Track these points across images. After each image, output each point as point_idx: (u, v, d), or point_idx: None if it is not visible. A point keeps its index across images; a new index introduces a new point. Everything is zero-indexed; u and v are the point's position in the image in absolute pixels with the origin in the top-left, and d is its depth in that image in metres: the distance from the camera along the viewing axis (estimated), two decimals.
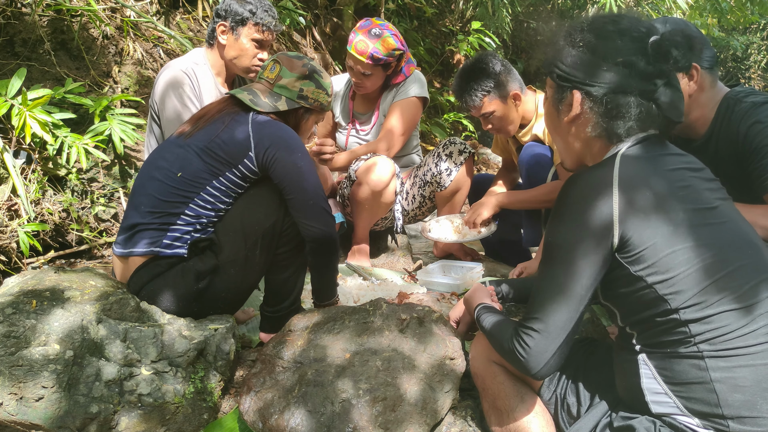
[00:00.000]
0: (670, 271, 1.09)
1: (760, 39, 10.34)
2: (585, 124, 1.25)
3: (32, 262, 2.64)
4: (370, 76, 2.75)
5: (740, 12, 6.77)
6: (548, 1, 7.17)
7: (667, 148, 1.23)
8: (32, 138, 2.63)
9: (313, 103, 1.94)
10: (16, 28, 2.96)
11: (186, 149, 1.76)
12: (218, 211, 1.77)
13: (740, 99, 1.70)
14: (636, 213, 1.11)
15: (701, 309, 1.07)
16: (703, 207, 1.15)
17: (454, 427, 1.49)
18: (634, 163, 1.17)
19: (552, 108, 1.33)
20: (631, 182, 1.13)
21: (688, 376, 1.08)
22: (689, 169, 1.20)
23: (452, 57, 5.58)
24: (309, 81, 1.92)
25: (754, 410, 1.02)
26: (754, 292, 1.09)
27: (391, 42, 2.68)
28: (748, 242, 1.16)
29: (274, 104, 1.88)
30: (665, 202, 1.12)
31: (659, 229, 1.10)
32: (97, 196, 2.96)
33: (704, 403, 1.06)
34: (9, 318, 1.43)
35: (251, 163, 1.76)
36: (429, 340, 1.56)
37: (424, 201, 3.07)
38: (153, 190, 1.73)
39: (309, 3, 4.87)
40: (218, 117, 1.81)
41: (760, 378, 1.04)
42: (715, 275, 1.08)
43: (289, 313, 1.86)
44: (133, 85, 3.39)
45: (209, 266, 1.72)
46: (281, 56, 1.96)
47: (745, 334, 1.06)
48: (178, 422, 1.53)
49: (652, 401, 1.12)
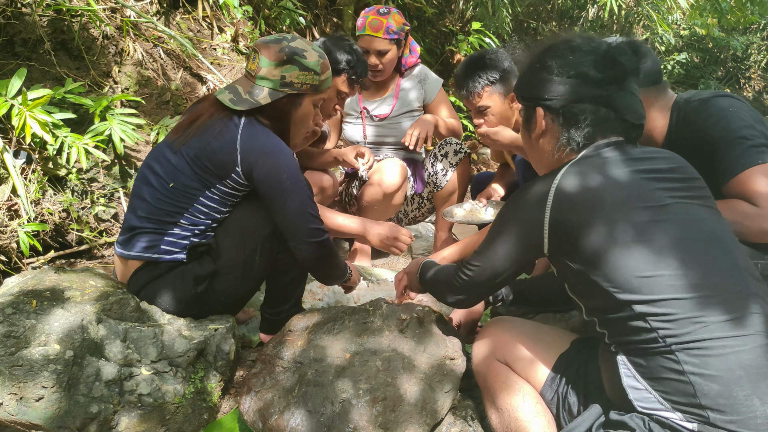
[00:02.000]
0: (611, 267, 1.15)
1: (760, 39, 10.35)
2: (551, 138, 1.37)
3: (32, 262, 2.64)
4: (387, 53, 2.76)
5: (740, 12, 6.77)
6: (548, 1, 7.16)
7: (625, 154, 1.28)
8: (32, 138, 2.63)
9: (300, 87, 1.75)
10: (16, 28, 2.96)
11: (179, 156, 1.69)
12: (215, 220, 1.74)
13: (688, 100, 1.74)
14: (569, 220, 1.21)
15: (655, 304, 1.11)
16: (650, 205, 1.19)
17: (454, 427, 1.49)
18: (576, 172, 1.25)
19: (524, 129, 1.45)
20: (565, 192, 1.22)
21: (663, 370, 1.10)
22: (643, 171, 1.24)
23: (452, 57, 5.57)
24: (290, 65, 1.73)
25: (730, 398, 1.04)
26: (709, 283, 1.12)
27: (399, 17, 2.76)
28: (705, 235, 1.19)
29: (256, 99, 1.71)
30: (602, 204, 1.19)
31: (596, 229, 1.17)
32: (97, 196, 2.96)
33: (682, 395, 1.07)
34: (9, 318, 1.43)
35: (239, 177, 1.68)
36: (429, 340, 1.56)
37: (423, 202, 3.07)
38: (148, 195, 1.70)
39: (309, 3, 4.87)
40: (210, 122, 1.70)
41: (731, 366, 1.06)
42: (663, 269, 1.13)
43: (289, 315, 1.86)
44: (133, 85, 3.38)
45: (208, 271, 1.71)
46: (258, 43, 1.76)
47: (709, 325, 1.08)
48: (178, 422, 1.53)
49: (634, 398, 1.14)
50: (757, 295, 1.15)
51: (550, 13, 7.36)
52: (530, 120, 1.40)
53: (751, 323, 1.10)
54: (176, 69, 3.73)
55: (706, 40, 9.32)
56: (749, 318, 1.10)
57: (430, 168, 2.87)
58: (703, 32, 8.25)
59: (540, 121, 1.37)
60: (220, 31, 4.15)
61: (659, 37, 7.72)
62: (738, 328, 1.09)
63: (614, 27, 7.22)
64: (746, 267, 1.19)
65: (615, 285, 1.15)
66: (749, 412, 1.03)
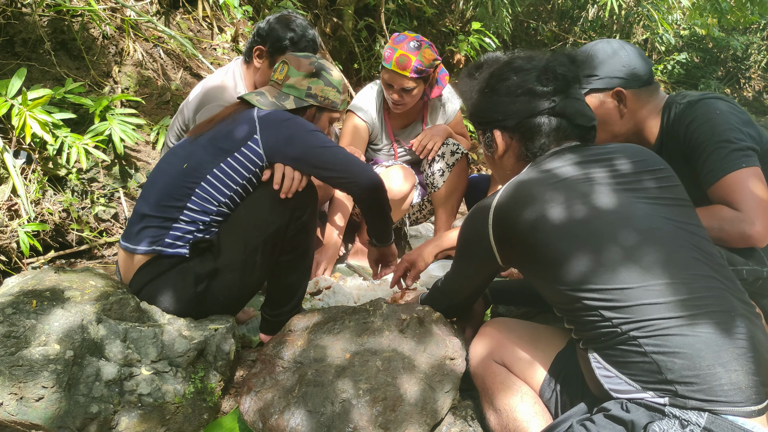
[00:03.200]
0: (558, 261, 1.21)
1: (760, 39, 10.33)
2: (511, 154, 1.46)
3: (32, 262, 2.64)
4: (412, 90, 2.64)
5: (740, 12, 6.76)
6: (548, 1, 7.16)
7: (575, 155, 1.35)
8: (32, 138, 2.63)
9: (323, 101, 1.92)
10: (16, 28, 2.96)
11: (195, 145, 1.79)
12: (220, 206, 1.74)
13: (677, 101, 1.74)
14: (509, 231, 1.30)
15: (602, 292, 1.16)
16: (598, 204, 1.24)
17: (454, 427, 1.49)
18: (514, 183, 1.34)
19: (486, 152, 1.53)
20: (502, 205, 1.31)
21: (628, 354, 1.14)
22: (603, 168, 1.31)
23: (452, 57, 5.57)
24: (317, 79, 1.90)
25: (695, 369, 1.08)
26: (653, 268, 1.16)
27: (430, 53, 2.62)
28: (643, 223, 1.22)
29: (282, 104, 1.87)
30: (541, 210, 1.24)
31: (535, 235, 1.24)
32: (97, 196, 2.96)
33: (649, 374, 1.11)
34: (9, 318, 1.43)
35: (256, 145, 1.75)
36: (429, 340, 1.56)
37: (423, 203, 3.07)
38: (161, 182, 1.77)
39: (309, 3, 4.87)
40: (227, 116, 1.83)
41: (690, 341, 1.10)
42: (604, 261, 1.17)
43: (289, 317, 1.86)
44: (133, 85, 3.39)
45: (207, 269, 1.71)
46: (289, 56, 1.95)
47: (660, 307, 1.12)
48: (178, 422, 1.53)
49: (610, 388, 1.17)
50: (707, 276, 1.18)
51: (550, 13, 7.36)
52: (490, 142, 1.49)
53: (704, 302, 1.14)
54: (176, 69, 3.73)
55: (706, 40, 9.32)
56: (700, 297, 1.14)
57: (427, 169, 2.87)
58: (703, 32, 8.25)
59: (499, 141, 1.46)
60: (220, 31, 4.15)
61: (659, 37, 7.72)
62: (689, 308, 1.12)
63: (614, 27, 7.22)
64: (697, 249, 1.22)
65: (564, 283, 1.21)
66: (714, 380, 1.07)
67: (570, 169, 1.31)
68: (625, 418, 1.11)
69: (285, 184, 1.74)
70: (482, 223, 1.35)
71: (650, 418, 1.09)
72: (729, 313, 1.14)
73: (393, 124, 2.92)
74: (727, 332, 1.11)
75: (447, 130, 2.88)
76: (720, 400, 1.06)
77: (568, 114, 1.38)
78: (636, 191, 1.28)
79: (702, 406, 1.06)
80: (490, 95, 1.46)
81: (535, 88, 1.38)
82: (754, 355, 1.10)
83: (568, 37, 6.97)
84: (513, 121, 1.41)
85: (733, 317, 1.13)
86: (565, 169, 1.32)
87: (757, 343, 1.12)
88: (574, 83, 1.41)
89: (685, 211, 1.29)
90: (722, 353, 1.09)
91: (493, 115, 1.46)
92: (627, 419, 1.10)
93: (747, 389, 1.07)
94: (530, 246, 1.26)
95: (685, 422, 1.06)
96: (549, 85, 1.38)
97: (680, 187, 1.34)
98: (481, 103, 1.49)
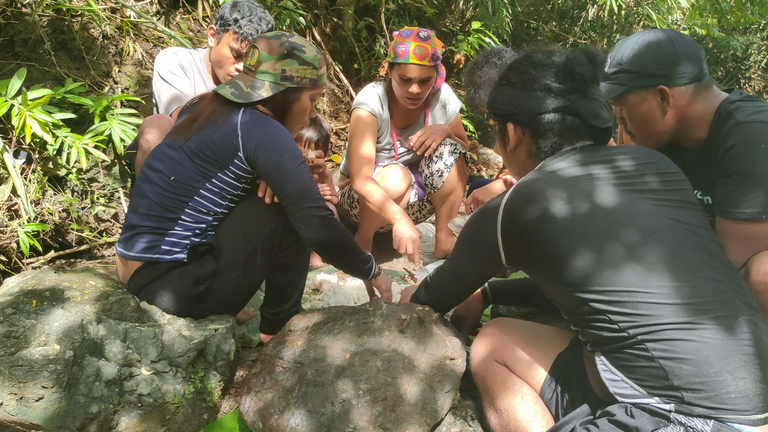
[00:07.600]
0: (564, 268, 1.21)
1: (760, 39, 10.33)
2: (523, 149, 1.46)
3: (32, 262, 2.64)
4: (429, 80, 2.66)
5: (740, 12, 6.76)
6: (548, 1, 7.16)
7: (587, 157, 1.35)
8: (32, 138, 2.63)
9: (300, 80, 1.80)
10: (16, 28, 2.96)
11: (180, 152, 1.72)
12: (216, 215, 1.74)
13: (730, 112, 1.57)
14: (518, 231, 1.29)
15: (610, 294, 1.15)
16: (601, 205, 1.23)
17: (454, 427, 1.49)
18: (526, 182, 1.33)
19: (500, 144, 1.53)
20: (512, 204, 1.31)
21: (635, 359, 1.13)
22: (606, 167, 1.31)
23: (452, 57, 5.57)
24: (290, 59, 1.78)
25: (702, 376, 1.07)
26: (661, 272, 1.15)
27: (438, 40, 2.66)
28: (648, 225, 1.21)
29: (258, 92, 1.76)
30: (548, 210, 1.24)
31: (543, 236, 1.24)
32: (97, 196, 2.96)
33: (655, 379, 1.10)
34: (9, 318, 1.43)
35: (242, 162, 1.71)
36: (429, 340, 1.56)
37: (423, 204, 3.08)
38: (150, 192, 1.71)
39: (309, 3, 4.86)
40: (211, 118, 1.74)
41: (697, 347, 1.09)
42: (611, 264, 1.16)
43: (289, 315, 1.86)
44: (133, 85, 3.38)
45: (209, 270, 1.71)
46: (258, 39, 1.82)
47: (668, 312, 1.12)
48: (178, 422, 1.53)
49: (615, 392, 1.16)
50: (714, 279, 1.17)
51: (550, 13, 7.36)
52: (504, 134, 1.49)
53: (710, 306, 1.13)
54: None
55: (706, 40, 9.31)
56: (707, 301, 1.13)
57: (426, 170, 2.88)
58: (703, 32, 8.23)
59: (512, 134, 1.46)
60: None
61: None
62: (696, 312, 1.11)
63: (614, 27, 7.22)
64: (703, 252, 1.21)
65: (569, 283, 1.21)
66: (721, 388, 1.06)
67: (576, 170, 1.31)
68: (630, 423, 1.10)
69: (268, 191, 1.76)
70: (491, 222, 1.35)
71: (655, 424, 1.08)
72: (736, 318, 1.12)
73: (395, 124, 2.93)
74: (734, 338, 1.10)
75: (446, 130, 2.88)
76: (726, 408, 1.05)
77: (582, 114, 1.37)
78: (641, 192, 1.27)
79: (708, 413, 1.05)
80: (506, 87, 1.46)
81: (552, 85, 1.38)
82: (761, 362, 1.09)
83: (568, 37, 6.97)
84: (526, 117, 1.41)
85: (739, 322, 1.12)
86: (572, 169, 1.32)
87: (764, 348, 1.11)
88: (592, 83, 1.40)
89: (691, 213, 1.27)
90: (730, 360, 1.08)
91: (507, 108, 1.45)
92: (632, 425, 1.09)
93: (754, 397, 1.06)
94: (536, 244, 1.26)
95: (690, 429, 1.05)
96: (566, 84, 1.37)
97: (689, 192, 1.32)
98: (498, 94, 1.49)
